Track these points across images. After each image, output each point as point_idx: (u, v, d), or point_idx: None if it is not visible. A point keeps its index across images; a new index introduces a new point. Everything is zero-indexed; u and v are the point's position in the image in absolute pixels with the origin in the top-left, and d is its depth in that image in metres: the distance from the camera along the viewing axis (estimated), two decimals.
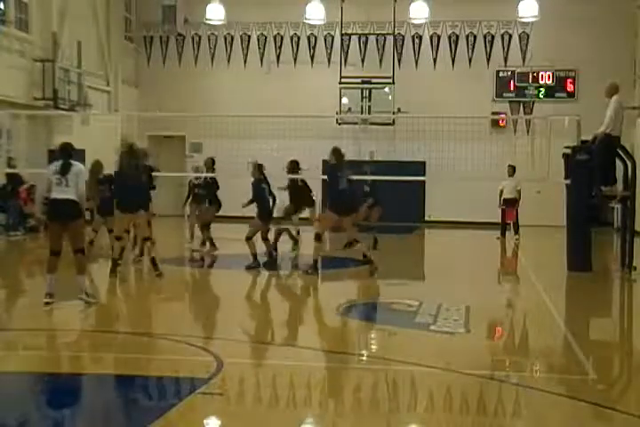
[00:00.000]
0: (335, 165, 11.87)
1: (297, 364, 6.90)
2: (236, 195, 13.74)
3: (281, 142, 17.59)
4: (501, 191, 18.25)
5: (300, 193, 14.46)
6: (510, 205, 18.19)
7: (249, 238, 12.37)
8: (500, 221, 18.54)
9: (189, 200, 15.59)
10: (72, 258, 9.12)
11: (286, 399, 5.80)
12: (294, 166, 14.22)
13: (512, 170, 18.06)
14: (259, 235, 12.54)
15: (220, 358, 6.67)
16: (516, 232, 18.30)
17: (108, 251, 12.18)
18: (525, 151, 16.44)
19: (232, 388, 6.08)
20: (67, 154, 9.13)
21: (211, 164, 15.21)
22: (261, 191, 12.54)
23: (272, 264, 12.63)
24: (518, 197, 18.21)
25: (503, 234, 18.33)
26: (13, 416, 5.35)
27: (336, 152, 11.86)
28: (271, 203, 12.78)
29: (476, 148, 17.24)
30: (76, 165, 9.09)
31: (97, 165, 12.34)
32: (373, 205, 15.11)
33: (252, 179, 12.75)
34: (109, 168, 12.45)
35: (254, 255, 12.36)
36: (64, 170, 8.90)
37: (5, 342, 7.57)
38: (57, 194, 8.86)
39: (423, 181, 21.63)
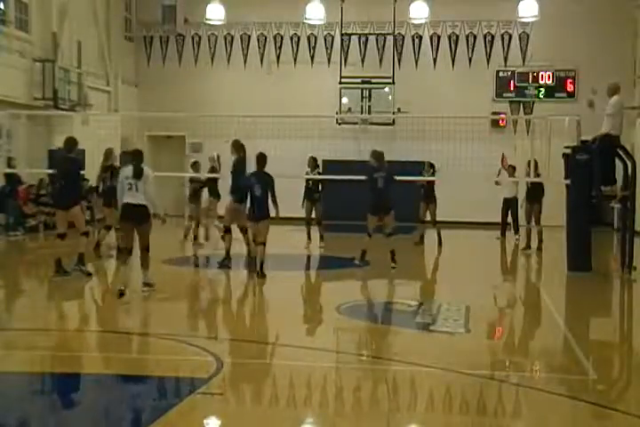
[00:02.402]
0: (239, 159, 12.67)
1: (297, 364, 6.90)
2: None
3: (281, 142, 17.57)
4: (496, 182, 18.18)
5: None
6: (511, 205, 18.18)
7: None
8: (500, 221, 18.54)
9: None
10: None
11: (286, 399, 5.80)
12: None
13: (512, 170, 18.04)
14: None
15: (220, 358, 6.67)
16: (516, 232, 18.28)
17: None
18: (525, 151, 16.43)
19: (232, 388, 6.08)
20: (138, 159, 9.81)
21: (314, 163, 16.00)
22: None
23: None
24: (516, 195, 18.20)
25: (503, 234, 18.31)
26: (13, 416, 5.35)
27: (236, 144, 12.79)
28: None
29: (476, 148, 17.23)
30: (146, 170, 9.81)
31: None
32: (428, 202, 17.21)
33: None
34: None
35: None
36: (137, 174, 9.62)
37: (5, 342, 7.57)
38: (129, 199, 9.62)
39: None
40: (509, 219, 18.27)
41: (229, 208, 12.63)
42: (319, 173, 16.21)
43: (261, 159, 11.79)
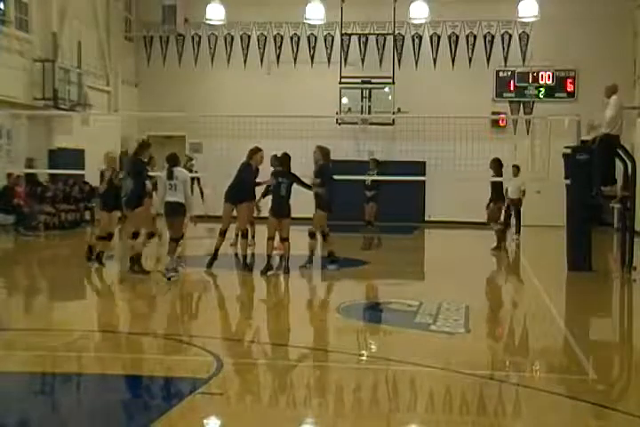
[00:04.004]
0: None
1: (297, 364, 6.90)
2: None
3: (281, 142, 17.57)
4: (506, 191, 18.28)
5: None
6: (514, 204, 18.24)
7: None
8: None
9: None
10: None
11: (286, 399, 5.80)
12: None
13: (516, 170, 18.07)
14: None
15: (220, 358, 6.67)
16: (517, 232, 18.30)
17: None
18: (525, 151, 16.43)
19: (232, 388, 6.08)
20: (172, 163, 11.36)
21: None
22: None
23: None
24: (522, 197, 18.23)
25: (517, 231, 18.36)
26: (13, 416, 5.35)
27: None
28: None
29: (475, 148, 17.23)
30: (181, 172, 11.38)
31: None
32: (369, 201, 16.23)
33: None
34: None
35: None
36: (169, 176, 11.22)
37: (6, 342, 7.57)
38: (168, 197, 11.27)
39: (423, 181, 21.62)
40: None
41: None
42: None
43: (286, 159, 12.23)
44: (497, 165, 15.93)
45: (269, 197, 12.65)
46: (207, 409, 5.54)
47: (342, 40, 23.89)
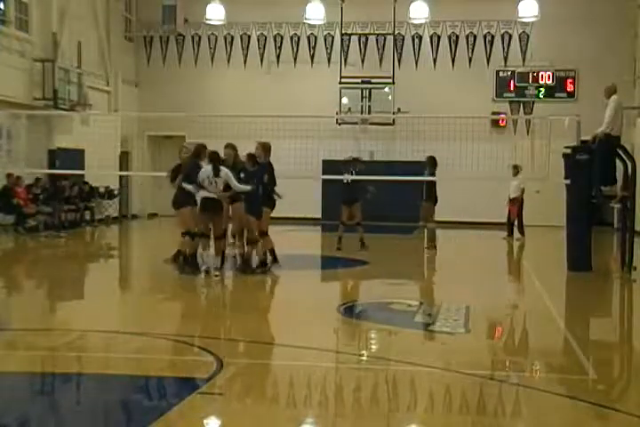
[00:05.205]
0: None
1: (297, 364, 6.89)
2: None
3: (281, 142, 17.59)
4: (508, 191, 18.39)
5: None
6: (514, 203, 18.30)
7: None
8: (506, 221, 18.61)
9: None
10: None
11: (286, 399, 5.80)
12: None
13: (515, 170, 18.10)
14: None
15: (220, 358, 6.67)
16: (521, 233, 18.28)
17: None
18: (525, 151, 16.44)
19: (232, 388, 6.08)
20: (216, 161, 11.52)
21: None
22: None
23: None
24: (520, 195, 18.25)
25: (510, 234, 18.38)
26: (13, 416, 5.35)
27: (230, 147, 12.65)
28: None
29: (476, 148, 17.24)
30: (223, 170, 11.50)
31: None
32: (350, 204, 15.50)
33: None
34: None
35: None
36: (216, 173, 11.37)
37: (6, 342, 7.57)
38: (208, 193, 11.43)
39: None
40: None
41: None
42: None
43: (254, 158, 12.15)
44: (432, 163, 15.50)
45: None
46: (207, 409, 5.54)
47: (342, 40, 23.87)
